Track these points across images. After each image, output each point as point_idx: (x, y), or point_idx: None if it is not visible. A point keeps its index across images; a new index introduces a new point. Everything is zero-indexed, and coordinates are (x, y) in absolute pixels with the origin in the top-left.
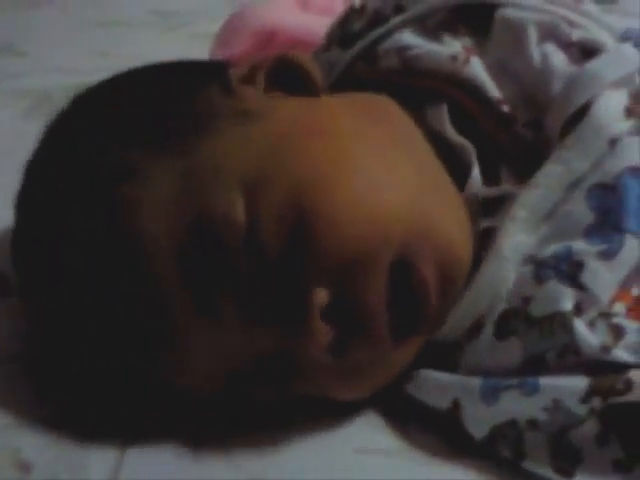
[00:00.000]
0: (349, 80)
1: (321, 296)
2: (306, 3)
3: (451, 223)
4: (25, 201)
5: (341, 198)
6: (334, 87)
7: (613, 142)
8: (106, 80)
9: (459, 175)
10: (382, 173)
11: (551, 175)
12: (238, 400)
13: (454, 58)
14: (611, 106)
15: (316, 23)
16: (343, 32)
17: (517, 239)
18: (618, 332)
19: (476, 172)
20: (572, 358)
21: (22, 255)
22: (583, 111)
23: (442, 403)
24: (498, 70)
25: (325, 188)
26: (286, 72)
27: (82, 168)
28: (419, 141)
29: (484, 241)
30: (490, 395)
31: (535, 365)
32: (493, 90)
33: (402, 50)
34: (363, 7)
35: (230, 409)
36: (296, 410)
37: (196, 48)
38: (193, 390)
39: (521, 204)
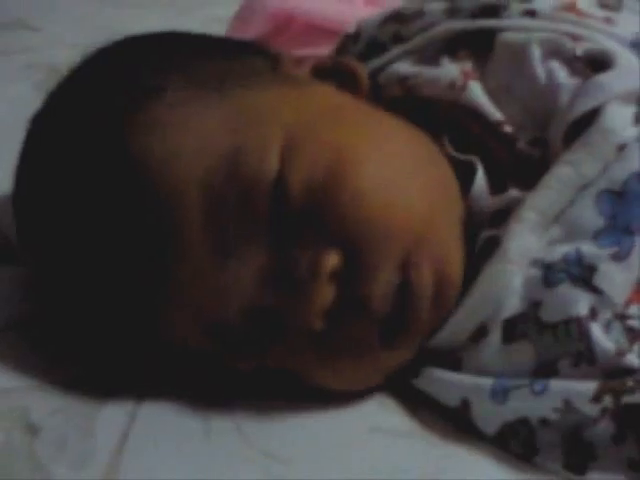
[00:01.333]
0: None
1: (333, 258)
2: None
3: (454, 243)
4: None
5: (372, 174)
6: None
7: (621, 148)
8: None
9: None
10: (410, 167)
11: (560, 177)
12: (217, 361)
13: (452, 85)
14: (620, 113)
15: (333, 9)
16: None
17: (525, 241)
18: (634, 335)
19: (480, 175)
20: (585, 367)
21: (36, 182)
22: (590, 119)
23: (451, 401)
24: (500, 92)
25: (358, 161)
26: (334, 73)
27: (103, 91)
28: (438, 154)
29: (487, 251)
30: (500, 395)
31: (546, 371)
32: (493, 113)
33: (402, 80)
34: (357, 34)
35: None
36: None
37: (211, 31)
38: (176, 339)
39: (530, 206)
